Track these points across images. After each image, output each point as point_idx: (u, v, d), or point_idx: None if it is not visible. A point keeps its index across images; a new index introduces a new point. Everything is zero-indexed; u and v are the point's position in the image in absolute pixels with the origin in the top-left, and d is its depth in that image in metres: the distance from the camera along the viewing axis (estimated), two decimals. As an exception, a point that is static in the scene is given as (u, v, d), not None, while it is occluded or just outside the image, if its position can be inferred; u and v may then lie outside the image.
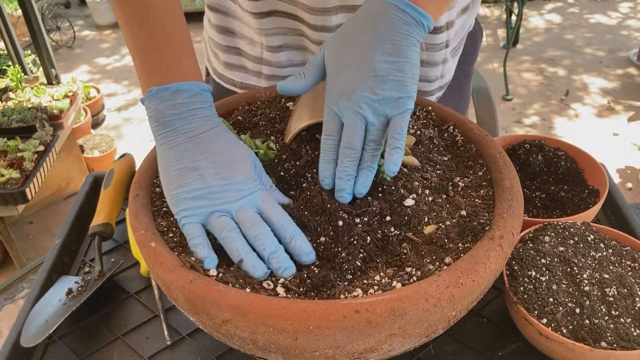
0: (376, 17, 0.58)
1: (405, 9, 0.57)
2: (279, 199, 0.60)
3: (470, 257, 0.52)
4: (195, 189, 0.57)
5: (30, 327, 0.68)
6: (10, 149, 1.92)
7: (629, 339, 0.57)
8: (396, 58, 0.57)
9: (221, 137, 0.61)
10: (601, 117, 3.22)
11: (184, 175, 0.58)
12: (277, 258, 0.54)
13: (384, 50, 0.57)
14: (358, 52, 0.58)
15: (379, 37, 0.57)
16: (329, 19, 0.78)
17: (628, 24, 4.34)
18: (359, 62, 0.57)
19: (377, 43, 0.57)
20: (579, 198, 0.80)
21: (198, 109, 0.61)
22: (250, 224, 0.56)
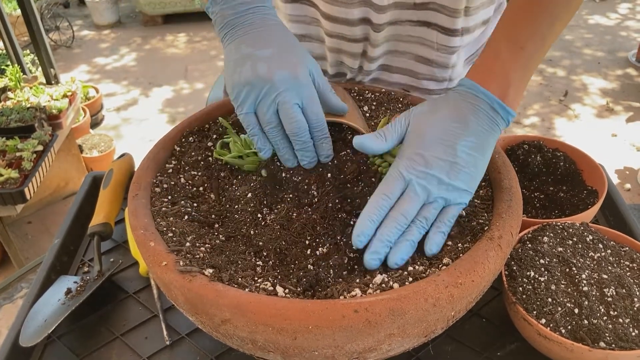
0: (467, 109, 0.59)
1: (497, 109, 0.59)
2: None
3: (469, 257, 0.52)
4: (247, 77, 0.60)
5: (29, 326, 0.68)
6: (9, 148, 1.92)
7: (627, 339, 0.57)
8: (477, 153, 0.58)
9: (279, 32, 0.64)
10: (600, 118, 3.22)
11: (239, 63, 0.62)
12: (305, 152, 0.62)
13: (470, 143, 0.58)
14: (445, 134, 0.58)
15: (468, 129, 0.58)
16: (344, 11, 0.79)
17: (627, 25, 4.34)
18: (446, 145, 0.57)
19: (466, 135, 0.58)
20: (577, 199, 0.80)
21: (257, 7, 0.65)
22: (289, 121, 0.60)
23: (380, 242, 0.55)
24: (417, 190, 0.56)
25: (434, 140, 0.58)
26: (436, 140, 0.58)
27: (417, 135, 0.59)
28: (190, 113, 3.57)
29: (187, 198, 0.65)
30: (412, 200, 0.56)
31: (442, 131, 0.58)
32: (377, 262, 0.54)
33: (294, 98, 0.60)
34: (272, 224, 0.60)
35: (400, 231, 0.56)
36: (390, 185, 0.57)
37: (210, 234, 0.60)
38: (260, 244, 0.58)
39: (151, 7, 4.56)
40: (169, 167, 0.69)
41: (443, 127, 0.58)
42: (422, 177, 0.57)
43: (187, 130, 0.74)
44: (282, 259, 0.57)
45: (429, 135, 0.58)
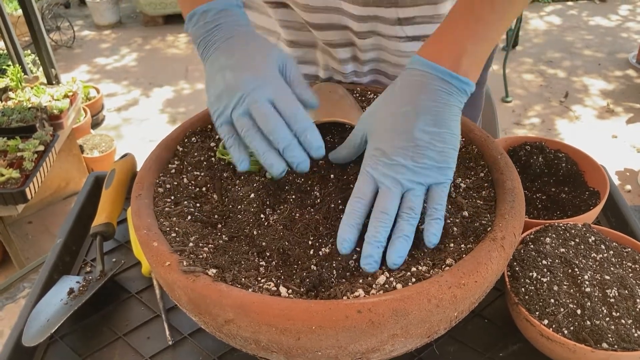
0: (417, 87, 0.58)
1: (446, 79, 0.57)
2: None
3: (472, 258, 0.52)
4: (218, 89, 0.60)
5: (32, 326, 0.68)
6: (10, 148, 1.92)
7: (630, 340, 0.57)
8: (437, 129, 0.56)
9: (244, 36, 0.64)
10: (600, 119, 3.22)
11: (212, 79, 0.62)
12: (291, 152, 0.57)
13: (425, 121, 0.56)
14: (400, 122, 0.57)
15: (420, 107, 0.57)
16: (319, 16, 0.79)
17: (627, 27, 4.35)
18: (401, 131, 0.57)
19: (418, 114, 0.56)
20: (579, 200, 0.80)
21: (224, 23, 0.64)
22: (262, 119, 0.57)
23: (369, 244, 0.53)
24: (386, 184, 0.56)
25: (389, 131, 0.57)
26: (391, 130, 0.57)
27: (374, 131, 0.59)
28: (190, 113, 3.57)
29: (190, 198, 0.65)
30: (387, 195, 0.55)
31: (394, 119, 0.58)
32: (373, 265, 0.53)
33: (262, 95, 0.58)
34: (275, 224, 0.60)
35: (387, 229, 0.54)
36: (360, 186, 0.57)
37: (214, 234, 0.60)
38: (264, 245, 0.58)
39: (152, 8, 4.57)
40: (172, 167, 0.69)
41: (394, 114, 0.58)
42: (388, 169, 0.56)
43: (189, 131, 0.74)
44: (285, 259, 0.57)
45: (384, 127, 0.58)
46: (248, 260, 0.56)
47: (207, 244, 0.58)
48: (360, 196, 0.56)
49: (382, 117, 0.59)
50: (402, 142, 0.56)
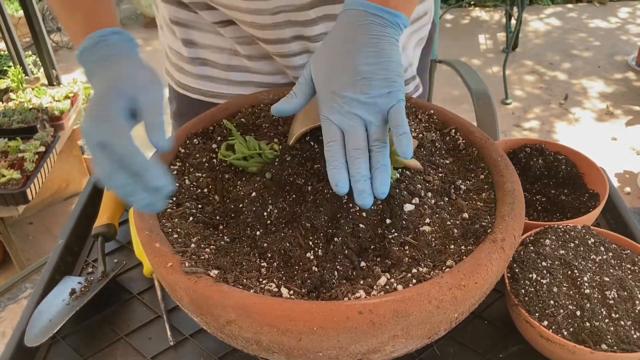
0: (353, 25, 0.60)
1: (378, 13, 0.60)
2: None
3: (472, 260, 0.53)
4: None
5: (34, 326, 0.69)
6: (11, 149, 1.92)
7: (629, 342, 0.58)
8: (378, 59, 0.58)
9: (106, 72, 0.63)
10: (600, 122, 3.23)
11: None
12: (132, 196, 0.54)
13: (366, 54, 0.58)
14: (342, 60, 0.59)
15: (358, 42, 0.59)
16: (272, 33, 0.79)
17: (627, 29, 4.35)
18: (345, 69, 0.59)
19: (358, 49, 0.59)
20: (579, 202, 0.80)
21: (109, 55, 0.64)
22: (95, 163, 0.56)
23: (357, 181, 0.55)
24: (347, 122, 0.57)
25: (335, 72, 0.59)
26: (337, 70, 0.59)
27: (320, 76, 0.61)
28: (191, 115, 3.58)
29: (192, 199, 0.65)
30: (352, 133, 0.57)
31: (338, 58, 0.59)
32: (368, 198, 0.54)
33: (92, 140, 0.56)
34: (276, 225, 0.60)
35: (366, 162, 0.56)
36: (326, 132, 0.58)
37: (215, 235, 0.60)
38: (265, 246, 0.58)
39: (152, 9, 4.57)
40: (174, 168, 0.69)
41: (337, 54, 0.60)
42: (344, 107, 0.58)
43: (191, 132, 0.75)
44: (286, 260, 0.57)
45: (329, 70, 0.60)
46: (250, 262, 0.56)
47: (208, 245, 0.58)
48: (331, 139, 0.58)
49: (325, 59, 0.61)
50: (349, 79, 0.58)
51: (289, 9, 0.76)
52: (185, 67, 0.92)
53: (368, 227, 0.59)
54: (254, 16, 0.77)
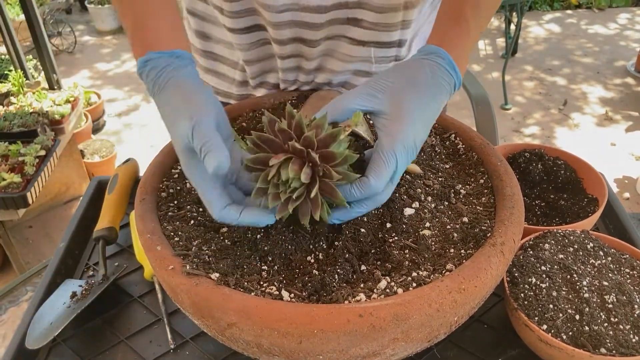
0: (436, 81, 0.60)
1: (451, 73, 0.61)
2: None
3: (472, 263, 0.53)
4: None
5: (35, 329, 0.69)
6: (12, 153, 1.92)
7: (628, 346, 0.58)
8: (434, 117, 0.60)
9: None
10: (599, 127, 3.24)
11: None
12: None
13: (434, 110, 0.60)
14: (424, 111, 0.58)
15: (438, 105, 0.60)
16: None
17: (626, 35, 4.37)
18: (423, 122, 0.58)
19: (437, 110, 0.60)
20: (578, 206, 0.81)
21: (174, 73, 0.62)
22: None
23: None
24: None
25: (416, 122, 0.57)
26: (418, 122, 0.57)
27: (399, 119, 0.57)
28: (191, 119, 3.57)
29: (193, 203, 0.65)
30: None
31: (427, 110, 0.59)
32: None
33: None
34: (277, 228, 0.60)
35: None
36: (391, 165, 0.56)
37: (216, 238, 0.61)
38: (266, 249, 0.58)
39: (153, 14, 4.58)
40: (175, 172, 0.70)
41: (428, 106, 0.59)
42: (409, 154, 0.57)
43: (192, 136, 0.75)
44: (287, 263, 0.57)
45: (411, 119, 0.57)
46: (250, 265, 0.57)
47: (210, 248, 0.58)
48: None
49: (410, 100, 0.58)
50: (423, 134, 0.58)
51: (296, 8, 0.75)
52: (197, 59, 0.92)
53: (368, 231, 0.59)
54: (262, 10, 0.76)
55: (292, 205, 0.53)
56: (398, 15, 0.76)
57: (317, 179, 0.53)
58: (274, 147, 0.54)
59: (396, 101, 0.57)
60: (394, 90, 0.58)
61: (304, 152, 0.53)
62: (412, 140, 0.56)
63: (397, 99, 0.57)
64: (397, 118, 0.56)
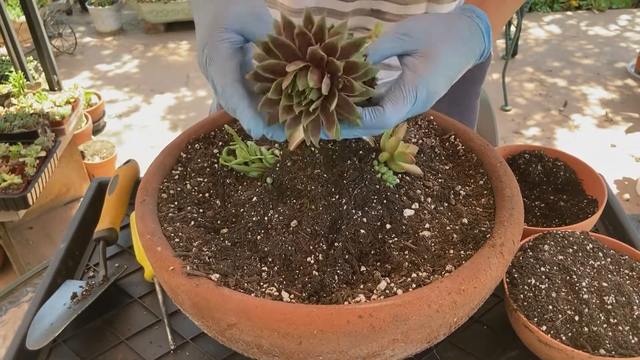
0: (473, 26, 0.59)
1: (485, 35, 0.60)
2: None
3: (471, 264, 0.53)
4: None
5: (36, 330, 0.69)
6: (12, 154, 1.93)
7: (627, 347, 0.58)
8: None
9: None
10: (599, 128, 3.24)
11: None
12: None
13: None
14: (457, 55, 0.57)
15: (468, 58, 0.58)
16: None
17: (626, 36, 4.37)
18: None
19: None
20: (577, 208, 0.81)
21: None
22: None
23: None
24: None
25: (445, 69, 0.56)
26: (446, 70, 0.56)
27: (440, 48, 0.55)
28: (191, 120, 3.57)
29: (193, 204, 0.65)
30: None
31: (453, 59, 0.57)
32: None
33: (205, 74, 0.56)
34: (277, 229, 0.61)
35: None
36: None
37: (217, 239, 0.61)
38: (266, 250, 0.59)
39: (153, 15, 4.59)
40: (175, 173, 0.70)
41: (461, 56, 0.57)
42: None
43: (193, 137, 0.75)
44: (287, 264, 0.57)
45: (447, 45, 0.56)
46: (250, 266, 0.57)
47: (210, 249, 0.58)
48: None
49: (445, 43, 0.56)
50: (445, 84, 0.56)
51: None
52: None
53: (368, 232, 0.59)
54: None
55: (305, 120, 0.48)
56: (421, 7, 0.77)
57: (335, 92, 0.48)
58: (287, 54, 0.49)
59: (431, 42, 0.55)
60: (431, 33, 0.56)
61: (323, 60, 0.48)
62: (434, 85, 0.54)
63: (433, 40, 0.55)
64: (428, 58, 0.54)
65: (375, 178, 0.64)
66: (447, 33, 0.56)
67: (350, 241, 0.58)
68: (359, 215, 0.60)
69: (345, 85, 0.49)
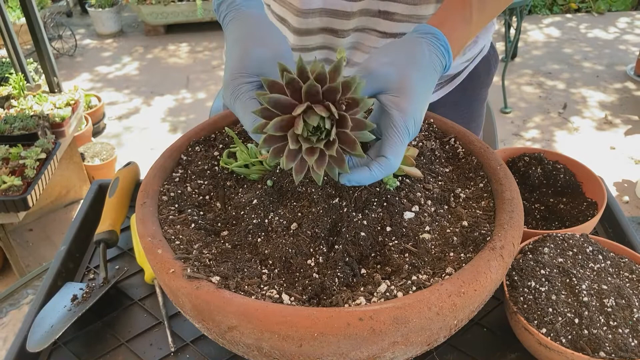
0: (430, 50, 0.62)
1: (447, 59, 0.63)
2: None
3: (471, 267, 0.53)
4: None
5: (36, 332, 0.69)
6: (12, 156, 1.93)
7: (627, 349, 0.58)
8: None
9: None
10: (599, 131, 3.24)
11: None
12: None
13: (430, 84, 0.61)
14: (422, 85, 0.60)
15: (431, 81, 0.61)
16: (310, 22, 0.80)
17: (625, 39, 4.38)
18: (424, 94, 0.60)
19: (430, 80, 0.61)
20: (577, 210, 0.81)
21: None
22: None
23: None
24: None
25: (420, 97, 0.59)
26: (422, 97, 0.59)
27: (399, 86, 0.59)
28: (191, 122, 3.57)
29: (194, 206, 0.66)
30: None
31: (427, 88, 0.60)
32: None
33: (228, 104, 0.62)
34: (277, 232, 0.61)
35: None
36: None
37: (217, 242, 0.61)
38: (266, 252, 0.59)
39: (153, 17, 4.60)
40: (176, 175, 0.70)
41: (427, 84, 0.60)
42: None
43: (193, 140, 0.75)
44: (287, 267, 0.57)
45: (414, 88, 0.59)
46: (251, 268, 0.57)
47: (210, 252, 0.58)
48: None
49: (414, 75, 0.60)
50: (423, 103, 0.59)
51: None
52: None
53: (368, 235, 0.59)
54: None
55: (331, 149, 0.52)
56: (430, 8, 0.78)
57: (344, 114, 0.52)
58: (284, 106, 0.53)
59: (401, 77, 0.58)
60: (397, 67, 0.59)
61: (318, 92, 0.52)
62: (420, 114, 0.58)
63: (401, 75, 0.58)
64: (404, 93, 0.58)
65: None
66: (410, 63, 0.60)
67: (351, 244, 0.58)
68: (359, 218, 0.60)
69: (349, 105, 0.52)
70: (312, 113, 0.51)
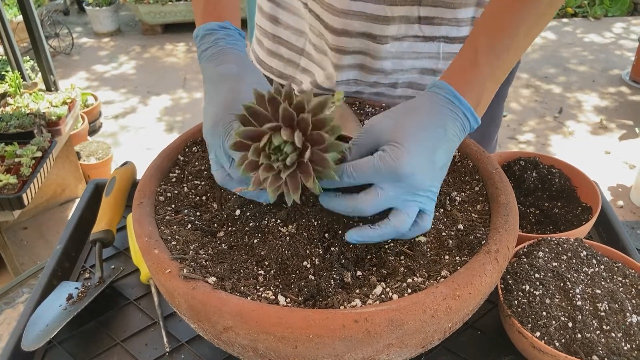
0: (449, 115, 0.59)
1: (469, 119, 0.59)
2: None
3: (466, 270, 0.53)
4: None
5: (31, 331, 0.69)
6: (8, 154, 1.92)
7: (619, 353, 0.58)
8: (448, 158, 0.59)
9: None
10: (594, 135, 3.25)
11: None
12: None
13: (445, 149, 0.58)
14: (429, 139, 0.57)
15: (446, 134, 0.58)
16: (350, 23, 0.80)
17: (621, 44, 4.40)
18: (429, 153, 0.57)
19: (444, 139, 0.58)
20: (572, 215, 0.81)
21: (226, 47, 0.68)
22: None
23: None
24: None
25: (418, 148, 0.56)
26: (420, 148, 0.56)
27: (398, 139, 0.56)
28: (188, 122, 3.56)
29: (191, 207, 0.66)
30: None
31: (427, 135, 0.57)
32: None
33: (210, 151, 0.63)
34: (273, 233, 0.61)
35: None
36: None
37: (213, 242, 0.61)
38: (262, 254, 0.59)
39: (151, 17, 4.59)
40: (173, 176, 0.70)
41: (428, 131, 0.57)
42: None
43: (190, 140, 0.76)
44: (283, 268, 0.58)
45: (416, 141, 0.56)
46: (247, 269, 0.57)
47: (207, 252, 0.59)
48: None
49: (413, 125, 0.57)
50: (430, 166, 0.56)
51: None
52: (264, 41, 0.95)
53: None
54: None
55: (284, 173, 0.53)
56: (469, 11, 0.78)
57: (308, 145, 0.53)
58: (263, 120, 0.54)
59: (395, 127, 0.57)
60: (394, 119, 0.58)
61: (294, 120, 0.53)
62: (425, 161, 0.56)
63: (396, 125, 0.57)
64: (399, 142, 0.55)
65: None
66: (407, 112, 0.59)
67: (347, 246, 0.59)
68: (355, 220, 0.60)
69: (316, 140, 0.53)
70: (278, 133, 0.52)
